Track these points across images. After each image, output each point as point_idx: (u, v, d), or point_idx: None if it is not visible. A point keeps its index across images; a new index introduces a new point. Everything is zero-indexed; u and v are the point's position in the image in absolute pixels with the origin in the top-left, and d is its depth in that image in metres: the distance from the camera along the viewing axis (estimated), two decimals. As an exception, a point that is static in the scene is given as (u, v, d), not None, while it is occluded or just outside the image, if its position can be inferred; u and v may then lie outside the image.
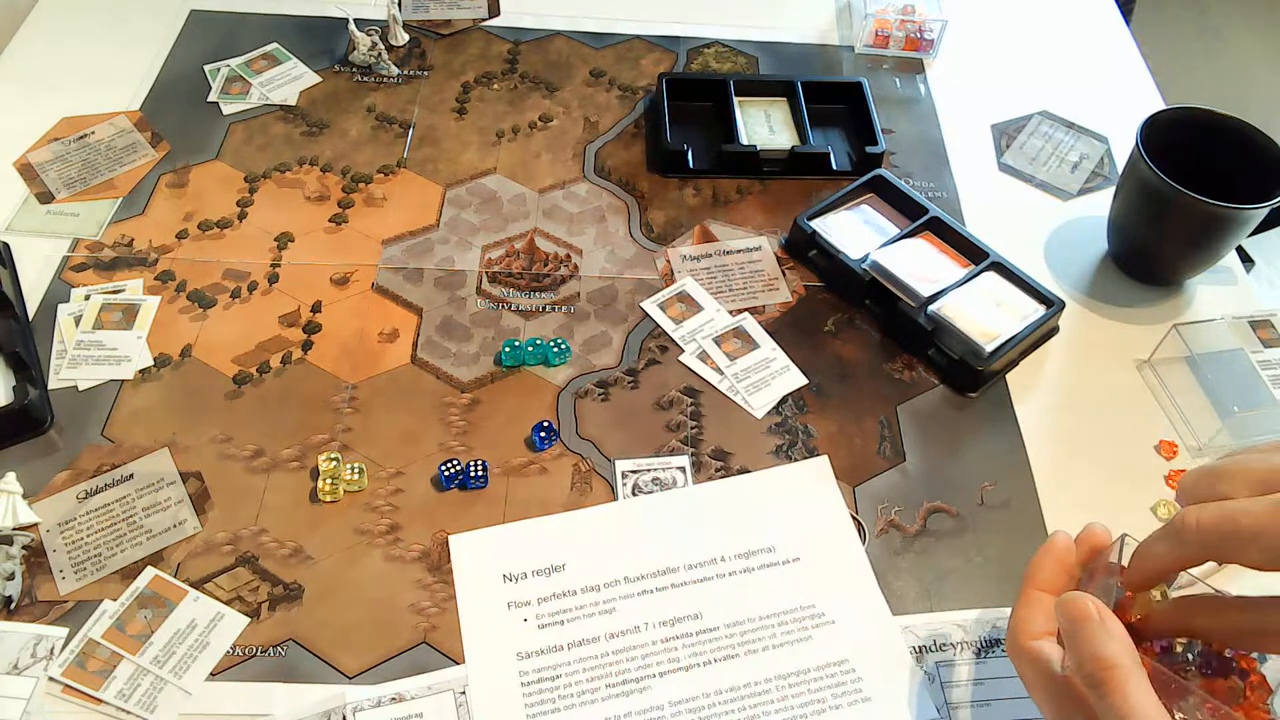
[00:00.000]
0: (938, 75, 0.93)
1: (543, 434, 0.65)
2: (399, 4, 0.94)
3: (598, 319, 0.72)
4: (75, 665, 0.54)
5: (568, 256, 0.76)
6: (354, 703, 0.53)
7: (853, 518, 0.62)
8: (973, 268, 0.73)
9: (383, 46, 0.89)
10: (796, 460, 0.65)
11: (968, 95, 0.91)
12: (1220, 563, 0.44)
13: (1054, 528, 0.62)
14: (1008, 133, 0.88)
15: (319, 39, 0.92)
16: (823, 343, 0.72)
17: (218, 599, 0.57)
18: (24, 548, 0.58)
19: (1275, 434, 0.67)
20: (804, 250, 0.76)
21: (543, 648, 0.56)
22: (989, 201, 0.82)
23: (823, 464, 0.65)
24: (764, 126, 0.85)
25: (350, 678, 0.55)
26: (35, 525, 0.60)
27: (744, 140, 0.82)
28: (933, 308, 0.69)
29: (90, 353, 0.68)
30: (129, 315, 0.70)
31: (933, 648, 0.57)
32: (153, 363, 0.68)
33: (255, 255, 0.75)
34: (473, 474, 0.62)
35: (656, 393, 0.68)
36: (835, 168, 0.83)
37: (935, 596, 0.59)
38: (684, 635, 0.57)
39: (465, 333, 0.71)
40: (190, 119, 0.84)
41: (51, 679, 0.54)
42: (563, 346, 0.69)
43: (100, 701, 0.53)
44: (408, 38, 0.92)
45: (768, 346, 0.71)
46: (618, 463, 0.64)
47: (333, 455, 0.63)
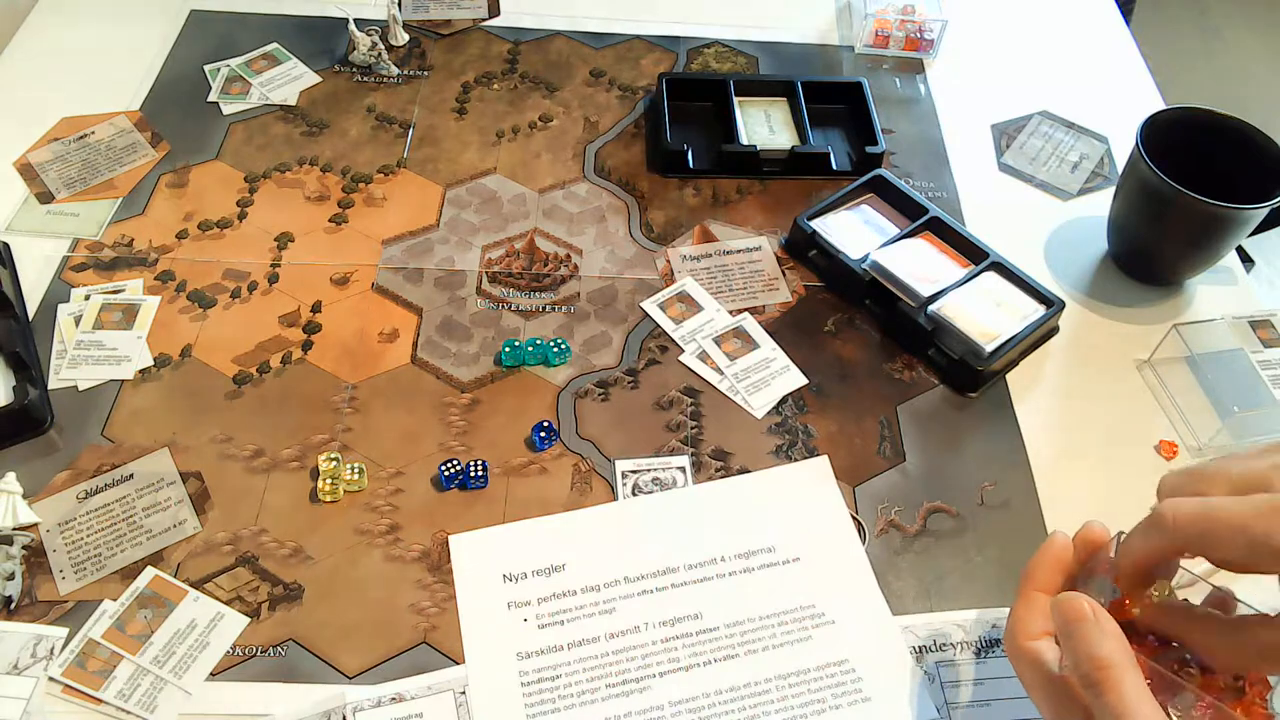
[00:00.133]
0: (938, 75, 0.93)
1: (543, 434, 0.65)
2: (399, 4, 0.94)
3: (598, 319, 0.72)
4: (75, 665, 0.54)
5: (568, 256, 0.76)
6: (354, 703, 0.53)
7: (853, 518, 0.62)
8: (973, 268, 0.73)
9: (383, 46, 0.89)
10: (796, 460, 0.65)
11: (968, 95, 0.91)
12: (1194, 557, 0.44)
13: (1054, 528, 0.62)
14: (1008, 133, 0.88)
15: (319, 39, 0.92)
16: (823, 343, 0.72)
17: (218, 599, 0.57)
18: (24, 548, 0.58)
19: (1275, 434, 0.67)
20: (804, 250, 0.76)
21: (543, 648, 0.56)
22: (989, 201, 0.82)
23: (823, 464, 0.65)
24: (764, 126, 0.85)
25: (350, 678, 0.55)
26: (35, 525, 0.60)
27: (744, 140, 0.82)
28: (933, 308, 0.69)
29: (90, 353, 0.68)
30: (129, 315, 0.70)
31: (933, 648, 0.57)
32: (153, 363, 0.68)
33: (255, 255, 0.75)
34: (473, 474, 0.62)
35: (656, 393, 0.68)
36: (835, 168, 0.83)
37: (935, 596, 0.59)
38: (684, 635, 0.57)
39: (465, 333, 0.71)
40: (190, 119, 0.84)
41: (51, 679, 0.54)
42: (563, 346, 0.69)
43: (100, 701, 0.53)
44: (408, 38, 0.92)
45: (768, 346, 0.71)
46: (618, 463, 0.64)
47: (333, 455, 0.63)
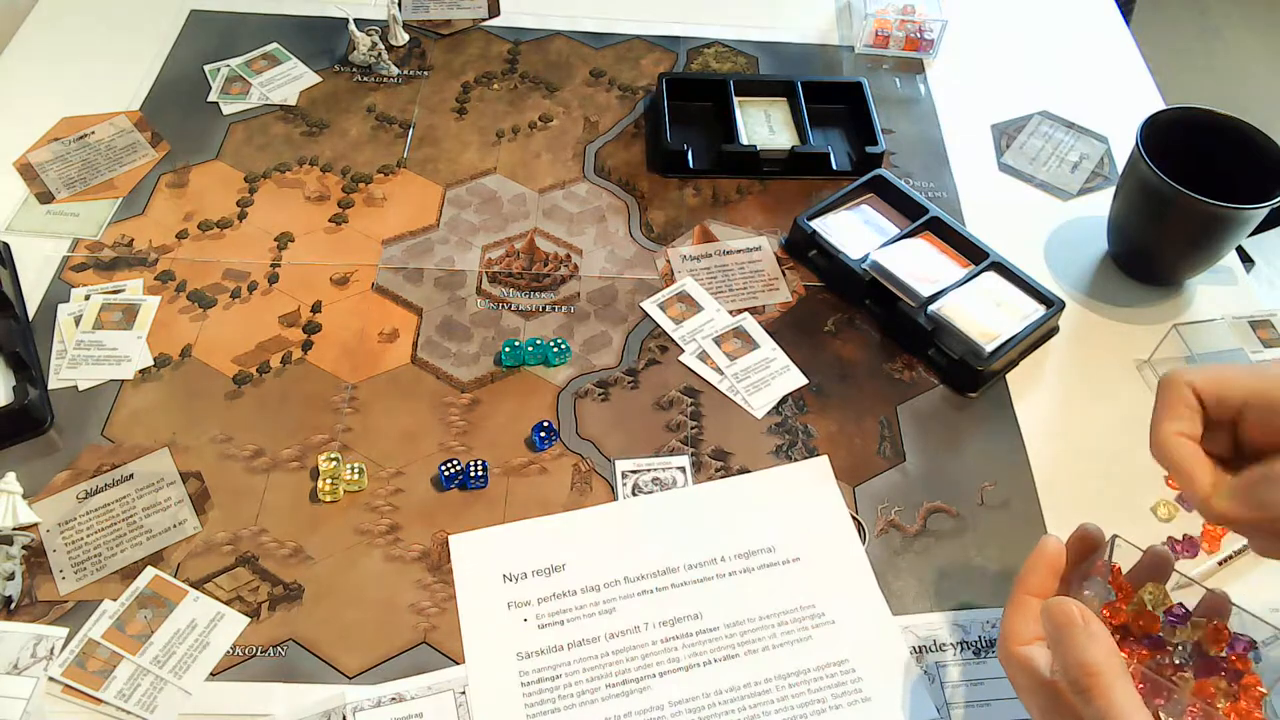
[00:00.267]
0: (938, 75, 0.93)
1: (543, 434, 0.65)
2: (399, 4, 0.94)
3: (598, 319, 0.72)
4: (75, 665, 0.54)
5: (568, 256, 0.76)
6: (354, 703, 0.53)
7: (853, 518, 0.62)
8: (973, 268, 0.73)
9: (383, 46, 0.89)
10: (796, 460, 0.65)
11: (968, 95, 0.91)
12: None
13: (1054, 528, 0.62)
14: (1008, 133, 0.88)
15: (319, 39, 0.92)
16: (823, 343, 0.72)
17: (218, 599, 0.57)
18: (24, 548, 0.58)
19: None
20: (804, 250, 0.76)
21: (543, 648, 0.56)
22: (989, 201, 0.82)
23: (823, 464, 0.65)
24: (764, 126, 0.85)
25: (350, 678, 0.55)
26: (35, 525, 0.60)
27: (744, 140, 0.82)
28: (933, 308, 0.69)
29: (90, 353, 0.68)
30: (129, 315, 0.70)
31: (933, 648, 0.57)
32: (153, 363, 0.68)
33: (255, 255, 0.75)
34: (473, 474, 0.62)
35: (656, 393, 0.68)
36: (835, 168, 0.83)
37: (935, 596, 0.59)
38: (684, 635, 0.57)
39: (465, 333, 0.71)
40: (190, 119, 0.84)
41: (51, 679, 0.54)
42: (563, 346, 0.69)
43: (100, 701, 0.53)
44: (408, 38, 0.92)
45: (768, 346, 0.71)
46: (618, 463, 0.64)
47: (333, 455, 0.63)
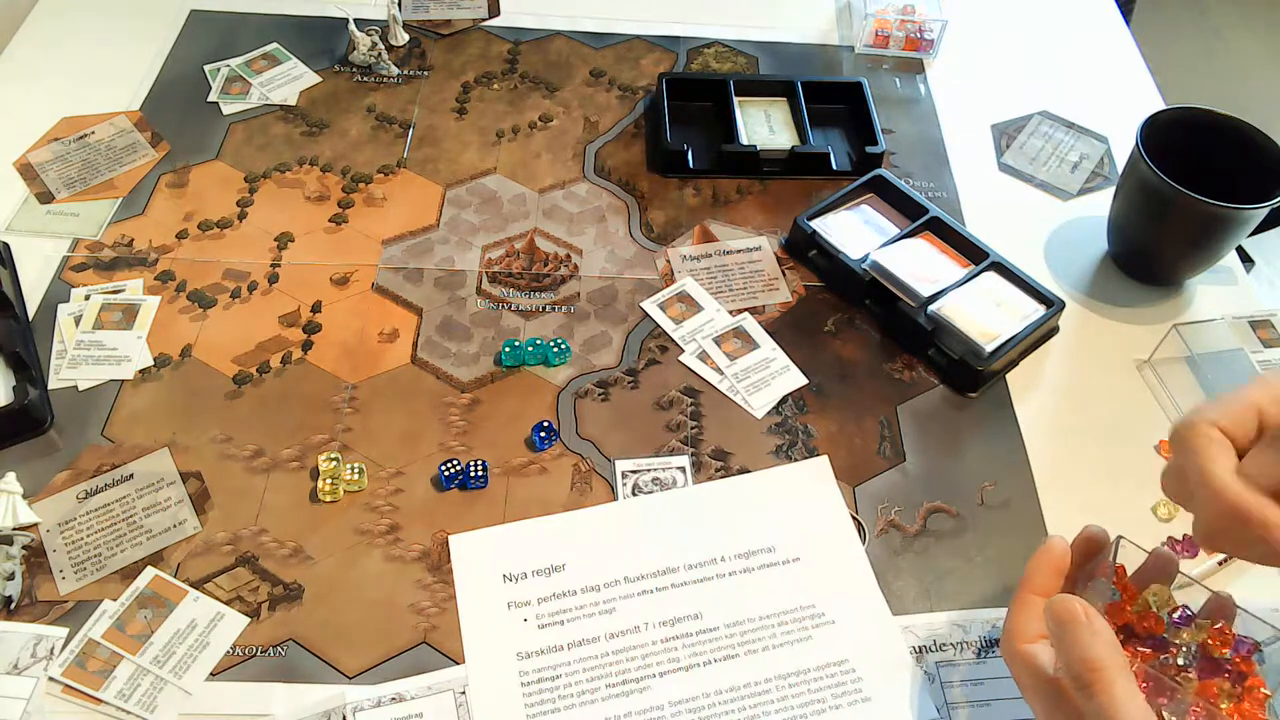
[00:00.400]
0: (938, 75, 0.93)
1: (543, 434, 0.65)
2: (399, 4, 0.94)
3: (598, 319, 0.72)
4: (75, 665, 0.54)
5: (568, 256, 0.76)
6: (354, 703, 0.53)
7: (853, 518, 0.62)
8: (973, 268, 0.73)
9: (383, 46, 0.89)
10: (796, 460, 0.65)
11: (968, 95, 0.91)
12: None
13: (1054, 528, 0.62)
14: (1008, 133, 0.88)
15: (319, 39, 0.92)
16: (823, 343, 0.72)
17: (218, 599, 0.57)
18: (24, 548, 0.58)
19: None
20: (804, 250, 0.76)
21: (543, 648, 0.56)
22: (989, 201, 0.82)
23: (823, 464, 0.65)
24: (764, 126, 0.85)
25: (350, 678, 0.55)
26: (35, 525, 0.60)
27: (744, 140, 0.82)
28: (933, 308, 0.69)
29: (90, 353, 0.68)
30: (129, 315, 0.70)
31: (933, 648, 0.57)
32: (153, 363, 0.68)
33: (255, 255, 0.75)
34: (473, 474, 0.62)
35: (656, 393, 0.68)
36: (835, 168, 0.83)
37: (935, 596, 0.59)
38: (684, 635, 0.57)
39: (465, 333, 0.71)
40: (190, 119, 0.84)
41: (51, 679, 0.54)
42: (563, 346, 0.69)
43: (100, 701, 0.53)
44: (408, 38, 0.92)
45: (768, 346, 0.71)
46: (618, 463, 0.64)
47: (333, 455, 0.63)
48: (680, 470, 0.64)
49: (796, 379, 0.69)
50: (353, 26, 0.88)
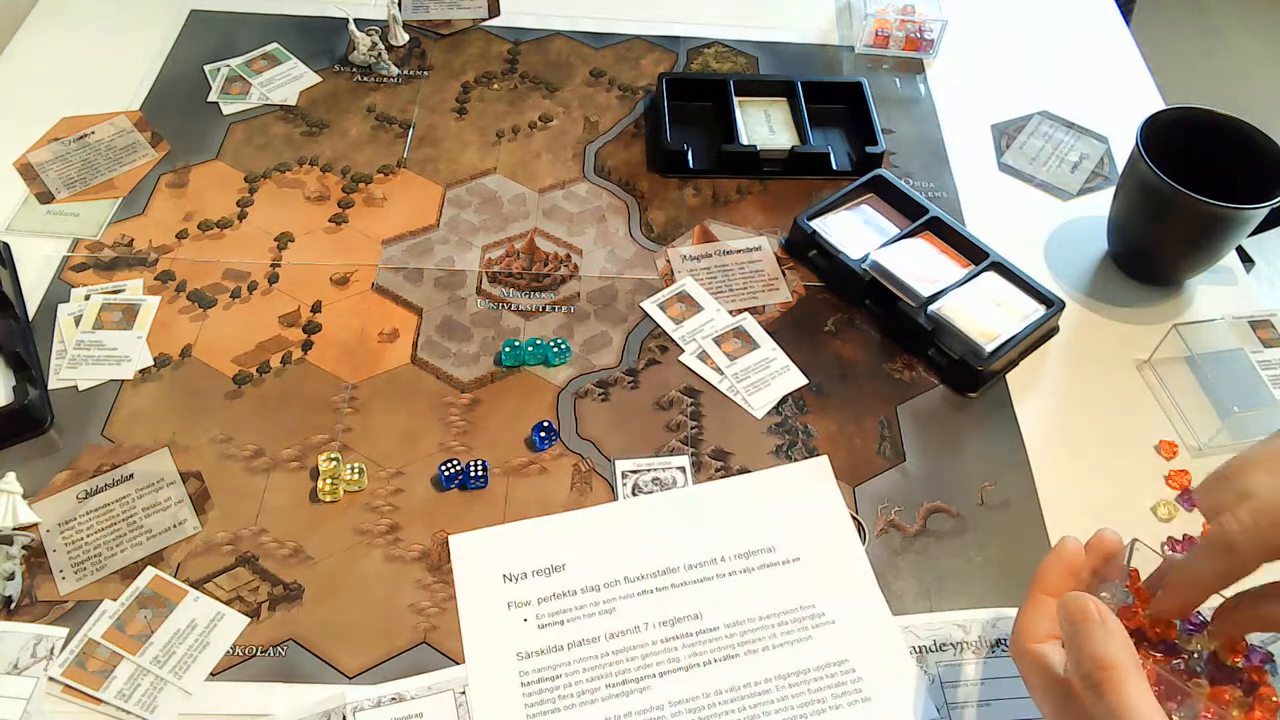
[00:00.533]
0: (938, 75, 0.93)
1: (543, 434, 0.65)
2: (399, 4, 0.94)
3: (598, 319, 0.72)
4: (75, 665, 0.54)
5: (568, 256, 0.76)
6: (354, 703, 0.53)
7: (853, 518, 0.62)
8: (973, 268, 0.73)
9: (383, 46, 0.89)
10: (796, 460, 0.65)
11: (968, 95, 0.91)
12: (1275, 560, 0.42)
13: (1054, 528, 0.62)
14: (1008, 133, 0.88)
15: (319, 39, 0.92)
16: (823, 343, 0.72)
17: (218, 599, 0.57)
18: (24, 548, 0.58)
19: (1275, 434, 0.67)
20: (804, 250, 0.76)
21: (543, 648, 0.56)
22: (989, 201, 0.82)
23: (823, 464, 0.65)
24: (764, 126, 0.85)
25: (350, 678, 0.55)
26: (35, 525, 0.60)
27: (744, 140, 0.82)
28: (933, 308, 0.69)
29: (90, 353, 0.68)
30: (129, 315, 0.70)
31: (933, 648, 0.57)
32: (153, 363, 0.68)
33: (255, 255, 0.75)
34: (473, 474, 0.62)
35: (656, 393, 0.68)
36: (835, 168, 0.83)
37: (935, 596, 0.59)
38: (684, 635, 0.57)
39: (465, 333, 0.71)
40: (190, 119, 0.84)
41: (51, 679, 0.54)
42: (563, 346, 0.69)
43: (100, 701, 0.53)
44: (408, 38, 0.92)
45: (768, 346, 0.71)
46: (618, 463, 0.64)
47: (333, 455, 0.63)
48: (680, 470, 0.64)
49: (796, 379, 0.69)
50: (353, 26, 0.88)
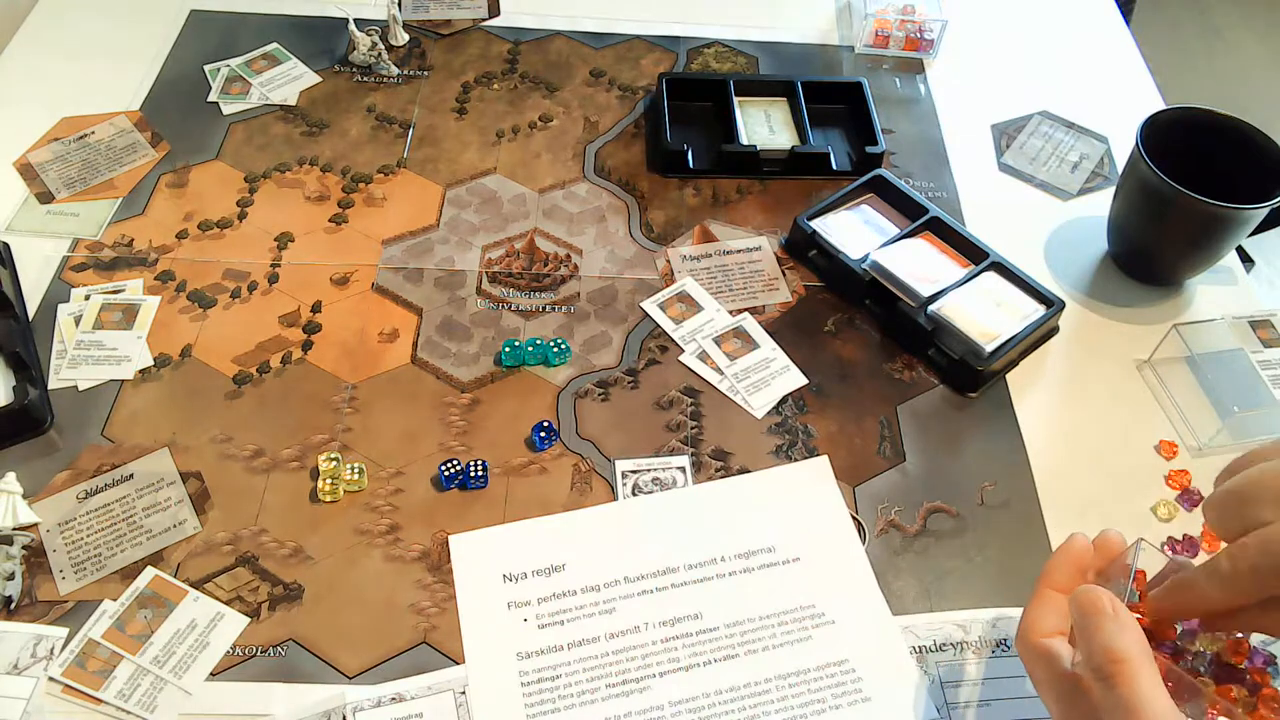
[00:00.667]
0: (938, 75, 0.93)
1: (543, 434, 0.65)
2: (399, 4, 0.94)
3: (598, 319, 0.72)
4: (75, 665, 0.54)
5: (568, 256, 0.76)
6: (354, 703, 0.53)
7: (853, 518, 0.62)
8: (973, 268, 0.73)
9: (383, 46, 0.89)
10: (796, 460, 0.65)
11: (968, 95, 0.91)
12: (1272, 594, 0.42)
13: (1054, 528, 0.62)
14: (1008, 133, 0.88)
15: (319, 39, 0.92)
16: (823, 343, 0.72)
17: (218, 599, 0.57)
18: (24, 548, 0.58)
19: (1275, 434, 0.67)
20: (804, 250, 0.76)
21: (543, 648, 0.56)
22: (989, 201, 0.82)
23: (823, 464, 0.65)
24: (764, 126, 0.85)
25: (350, 678, 0.55)
26: (35, 525, 0.60)
27: (744, 140, 0.82)
28: (933, 308, 0.69)
29: (90, 353, 0.68)
30: (129, 315, 0.70)
31: (933, 648, 0.57)
32: (153, 363, 0.68)
33: (255, 255, 0.75)
34: (473, 474, 0.62)
35: (656, 393, 0.68)
36: (835, 168, 0.83)
37: (935, 596, 0.59)
38: (684, 635, 0.57)
39: (465, 333, 0.71)
40: (190, 119, 0.84)
41: (51, 679, 0.54)
42: (563, 346, 0.69)
43: (100, 701, 0.53)
44: (408, 38, 0.92)
45: (768, 346, 0.71)
46: (618, 463, 0.64)
47: (333, 455, 0.63)
48: (680, 470, 0.64)
49: (796, 379, 0.69)
50: (353, 26, 0.88)
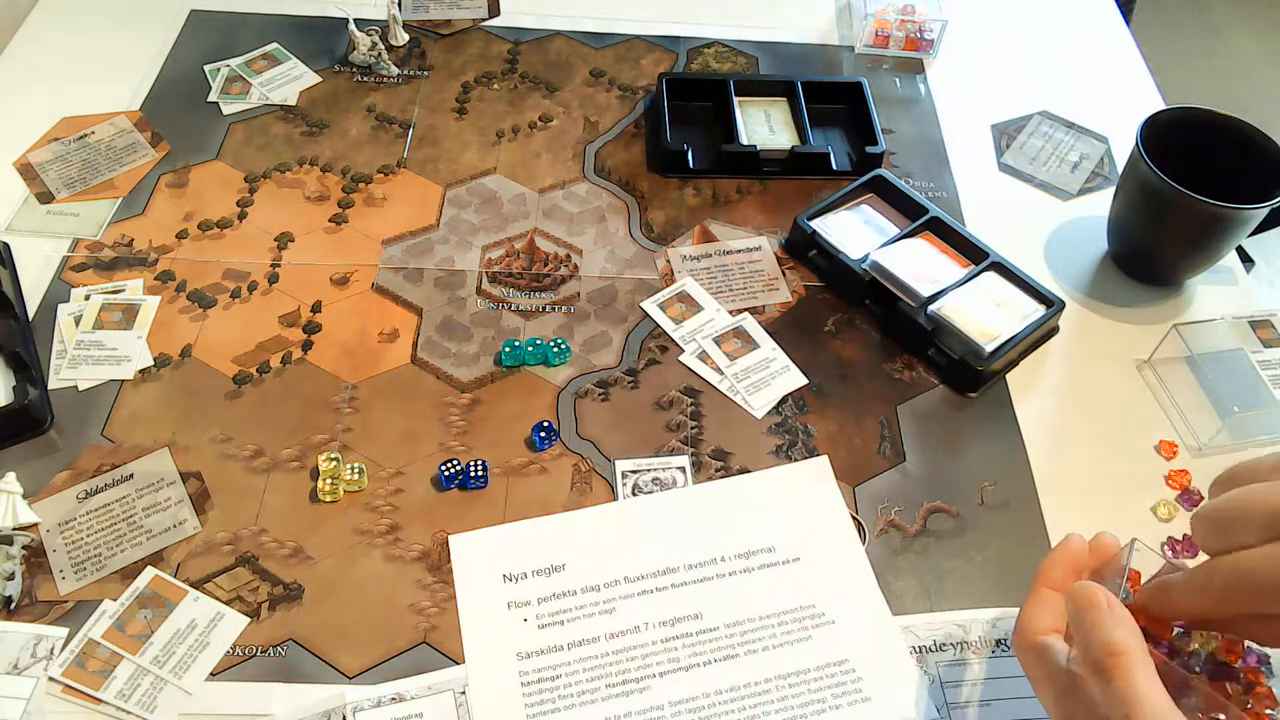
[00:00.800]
0: (938, 75, 0.93)
1: (543, 434, 0.65)
2: (399, 4, 0.94)
3: (598, 319, 0.72)
4: (75, 665, 0.54)
5: (568, 256, 0.76)
6: (354, 703, 0.53)
7: (853, 518, 0.62)
8: (973, 268, 0.73)
9: (383, 46, 0.89)
10: (796, 460, 0.65)
11: (968, 95, 0.91)
12: (1246, 613, 0.43)
13: (1054, 528, 0.62)
14: (1008, 133, 0.88)
15: (319, 39, 0.92)
16: (823, 343, 0.72)
17: (218, 599, 0.57)
18: (24, 548, 0.58)
19: (1275, 434, 0.67)
20: (804, 250, 0.76)
21: (543, 648, 0.56)
22: (989, 201, 0.82)
23: (823, 464, 0.65)
24: (764, 126, 0.85)
25: (350, 678, 0.55)
26: (35, 525, 0.60)
27: (744, 140, 0.82)
28: (933, 308, 0.69)
29: (90, 353, 0.68)
30: (129, 315, 0.70)
31: (933, 648, 0.57)
32: (153, 363, 0.68)
33: (255, 255, 0.75)
34: (473, 474, 0.62)
35: (656, 393, 0.68)
36: (835, 168, 0.83)
37: (935, 596, 0.59)
38: (684, 635, 0.57)
39: (465, 333, 0.71)
40: (190, 119, 0.84)
41: (51, 679, 0.54)
42: (563, 346, 0.69)
43: (100, 701, 0.53)
44: (408, 38, 0.92)
45: (768, 346, 0.71)
46: (618, 463, 0.64)
47: (333, 455, 0.63)
48: (680, 470, 0.64)
49: (796, 379, 0.69)
50: (353, 26, 0.88)
